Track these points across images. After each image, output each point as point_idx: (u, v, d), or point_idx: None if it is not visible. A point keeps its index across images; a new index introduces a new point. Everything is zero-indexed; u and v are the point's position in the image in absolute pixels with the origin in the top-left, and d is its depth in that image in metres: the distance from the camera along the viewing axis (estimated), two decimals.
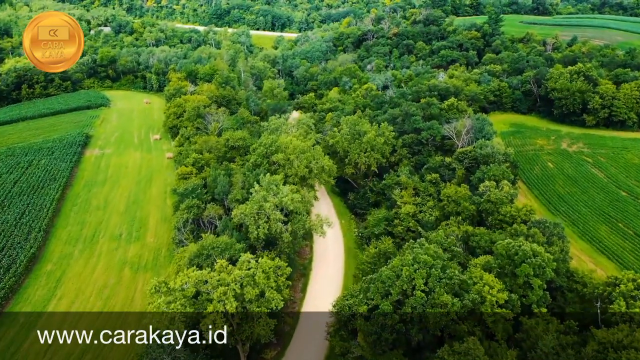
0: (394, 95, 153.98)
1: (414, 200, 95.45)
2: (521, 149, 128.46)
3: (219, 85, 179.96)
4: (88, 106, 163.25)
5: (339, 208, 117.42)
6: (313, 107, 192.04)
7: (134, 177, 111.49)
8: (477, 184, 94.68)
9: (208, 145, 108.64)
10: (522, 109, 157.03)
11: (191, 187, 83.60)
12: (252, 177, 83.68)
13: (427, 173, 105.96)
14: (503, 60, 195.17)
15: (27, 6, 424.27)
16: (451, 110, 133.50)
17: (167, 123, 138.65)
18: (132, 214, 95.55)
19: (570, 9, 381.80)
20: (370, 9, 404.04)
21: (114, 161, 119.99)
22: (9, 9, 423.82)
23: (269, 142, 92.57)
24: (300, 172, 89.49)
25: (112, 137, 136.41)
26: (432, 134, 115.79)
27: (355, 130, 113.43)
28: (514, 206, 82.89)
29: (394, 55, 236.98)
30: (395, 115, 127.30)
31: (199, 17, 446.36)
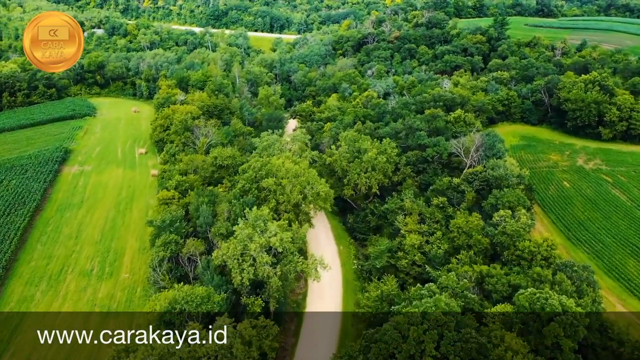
0: (396, 105, 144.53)
1: (420, 229, 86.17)
2: (534, 165, 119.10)
3: (212, 93, 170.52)
4: (72, 116, 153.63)
5: (337, 231, 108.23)
6: (311, 115, 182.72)
7: (114, 199, 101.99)
8: (490, 211, 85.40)
9: (194, 164, 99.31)
10: (533, 120, 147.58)
11: (169, 219, 74.20)
12: (238, 207, 74.37)
13: (433, 196, 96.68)
14: (510, 67, 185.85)
15: (21, 7, 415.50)
16: (458, 123, 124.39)
17: (153, 136, 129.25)
18: (107, 243, 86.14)
19: (576, 11, 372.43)
20: (371, 10, 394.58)
21: (93, 180, 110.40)
22: (2, 9, 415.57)
23: (259, 166, 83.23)
24: (293, 198, 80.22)
25: (94, 152, 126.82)
26: (439, 151, 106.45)
27: (355, 147, 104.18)
28: (533, 240, 73.52)
29: (396, 60, 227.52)
30: (398, 129, 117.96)
31: (196, 19, 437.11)
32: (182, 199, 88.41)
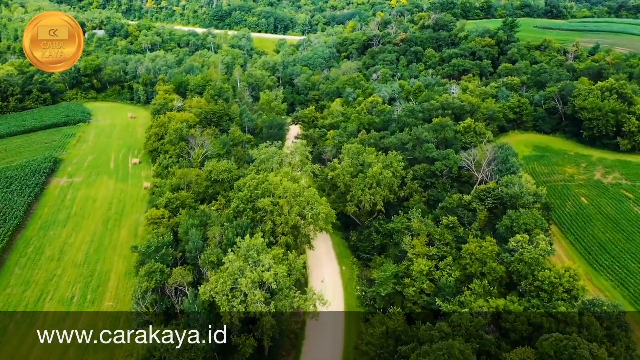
0: (402, 112, 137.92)
1: (428, 252, 79.65)
2: (548, 178, 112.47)
3: (211, 99, 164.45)
4: (65, 122, 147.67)
5: (339, 248, 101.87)
6: (314, 121, 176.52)
7: (102, 215, 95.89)
8: (505, 234, 78.91)
9: (187, 179, 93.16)
10: (546, 129, 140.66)
11: (154, 245, 68.04)
12: (231, 231, 68.16)
13: (442, 215, 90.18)
14: (521, 71, 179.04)
15: (23, 7, 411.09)
16: (468, 133, 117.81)
17: (147, 146, 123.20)
18: (91, 266, 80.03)
19: (586, 13, 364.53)
20: (376, 11, 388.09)
21: (82, 193, 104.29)
22: (5, 10, 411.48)
23: (255, 184, 76.93)
24: (291, 220, 73.89)
25: (85, 162, 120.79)
26: (448, 165, 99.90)
27: (359, 160, 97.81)
28: (554, 270, 66.85)
29: (402, 64, 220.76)
30: (404, 140, 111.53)
31: (200, 19, 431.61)
32: (173, 218, 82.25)
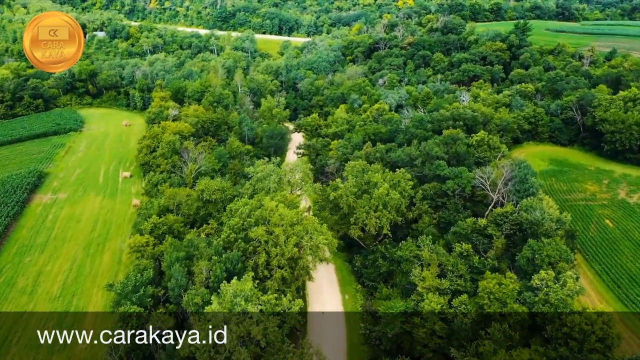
0: (410, 122, 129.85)
1: (440, 285, 71.84)
2: (568, 196, 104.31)
3: (209, 106, 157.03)
4: (55, 131, 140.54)
5: (342, 273, 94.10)
6: (317, 129, 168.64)
7: (85, 238, 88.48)
8: (526, 266, 70.99)
9: (176, 199, 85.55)
10: (563, 140, 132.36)
11: (132, 283, 60.42)
12: (219, 267, 60.50)
13: (455, 240, 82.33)
14: (534, 77, 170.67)
15: (25, 8, 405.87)
16: (481, 146, 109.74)
17: (139, 158, 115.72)
18: (67, 300, 72.59)
19: (598, 15, 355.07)
20: (383, 12, 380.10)
21: (65, 212, 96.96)
22: (7, 10, 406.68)
23: (247, 211, 69.25)
24: (287, 252, 66.13)
25: (72, 176, 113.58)
26: (460, 184, 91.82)
27: (363, 179, 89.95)
28: (584, 314, 58.82)
29: (409, 68, 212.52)
30: (413, 155, 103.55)
31: (203, 20, 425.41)
32: (158, 245, 74.68)
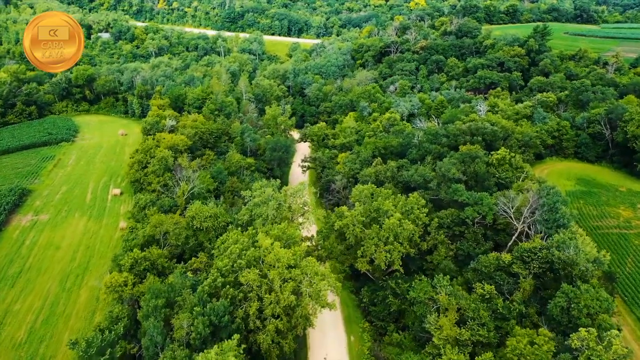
0: (424, 136, 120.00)
1: (460, 335, 62.39)
2: (599, 223, 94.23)
3: (210, 114, 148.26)
4: (46, 142, 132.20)
5: (347, 309, 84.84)
6: (324, 139, 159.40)
7: (62, 268, 79.76)
8: (560, 317, 61.27)
9: (163, 228, 76.59)
10: (589, 157, 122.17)
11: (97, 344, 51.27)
12: (201, 322, 51.34)
13: (475, 279, 72.83)
14: (555, 85, 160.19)
15: (32, 8, 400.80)
16: (502, 166, 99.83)
17: (129, 175, 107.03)
18: (33, 348, 63.77)
19: (618, 17, 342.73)
20: (394, 14, 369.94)
21: (45, 237, 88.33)
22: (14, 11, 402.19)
23: (237, 252, 60.05)
24: (283, 300, 56.86)
25: (57, 193, 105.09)
26: (481, 212, 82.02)
27: (372, 206, 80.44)
28: None
29: (421, 74, 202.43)
30: (427, 177, 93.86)
31: (211, 21, 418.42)
32: (139, 284, 65.73)
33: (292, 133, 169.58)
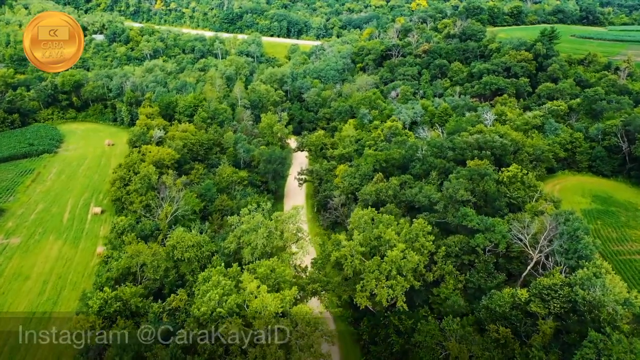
0: (428, 150, 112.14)
1: None
2: (619, 248, 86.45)
3: (202, 123, 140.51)
4: (26, 154, 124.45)
5: (345, 344, 77.12)
6: (322, 149, 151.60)
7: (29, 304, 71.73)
8: None
9: (140, 259, 68.81)
10: (605, 171, 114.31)
11: None
12: None
13: (488, 319, 64.97)
14: (564, 92, 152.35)
15: (26, 9, 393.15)
16: (513, 184, 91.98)
17: (110, 193, 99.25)
18: None
19: (624, 19, 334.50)
20: (396, 16, 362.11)
21: (13, 265, 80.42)
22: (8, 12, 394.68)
23: (217, 298, 52.22)
24: (271, 355, 49.00)
25: (33, 213, 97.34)
26: (493, 240, 74.18)
27: (373, 234, 72.62)
28: None
29: (424, 79, 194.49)
30: (433, 199, 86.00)
31: (210, 22, 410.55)
32: (108, 329, 57.93)
33: (289, 141, 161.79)
